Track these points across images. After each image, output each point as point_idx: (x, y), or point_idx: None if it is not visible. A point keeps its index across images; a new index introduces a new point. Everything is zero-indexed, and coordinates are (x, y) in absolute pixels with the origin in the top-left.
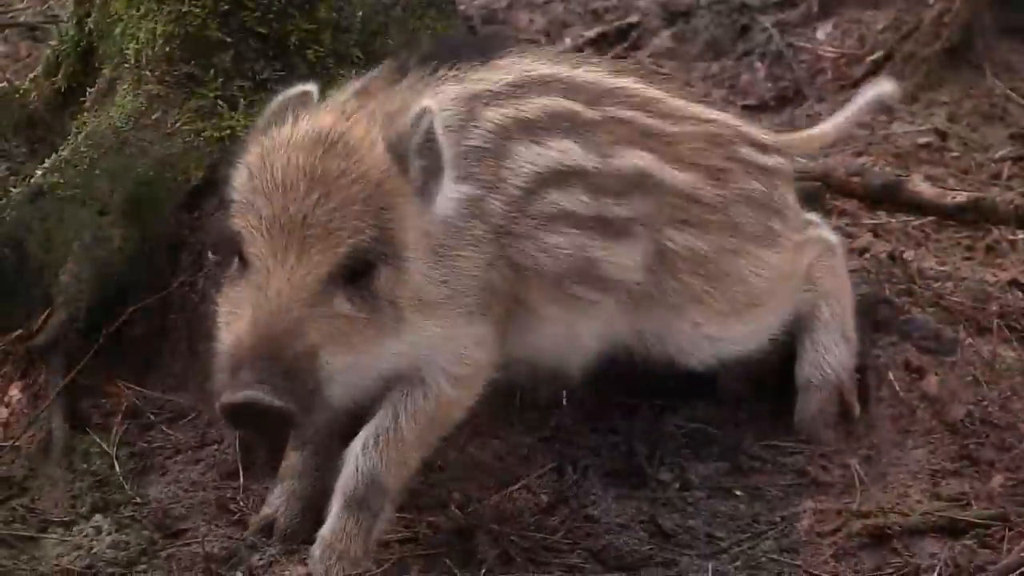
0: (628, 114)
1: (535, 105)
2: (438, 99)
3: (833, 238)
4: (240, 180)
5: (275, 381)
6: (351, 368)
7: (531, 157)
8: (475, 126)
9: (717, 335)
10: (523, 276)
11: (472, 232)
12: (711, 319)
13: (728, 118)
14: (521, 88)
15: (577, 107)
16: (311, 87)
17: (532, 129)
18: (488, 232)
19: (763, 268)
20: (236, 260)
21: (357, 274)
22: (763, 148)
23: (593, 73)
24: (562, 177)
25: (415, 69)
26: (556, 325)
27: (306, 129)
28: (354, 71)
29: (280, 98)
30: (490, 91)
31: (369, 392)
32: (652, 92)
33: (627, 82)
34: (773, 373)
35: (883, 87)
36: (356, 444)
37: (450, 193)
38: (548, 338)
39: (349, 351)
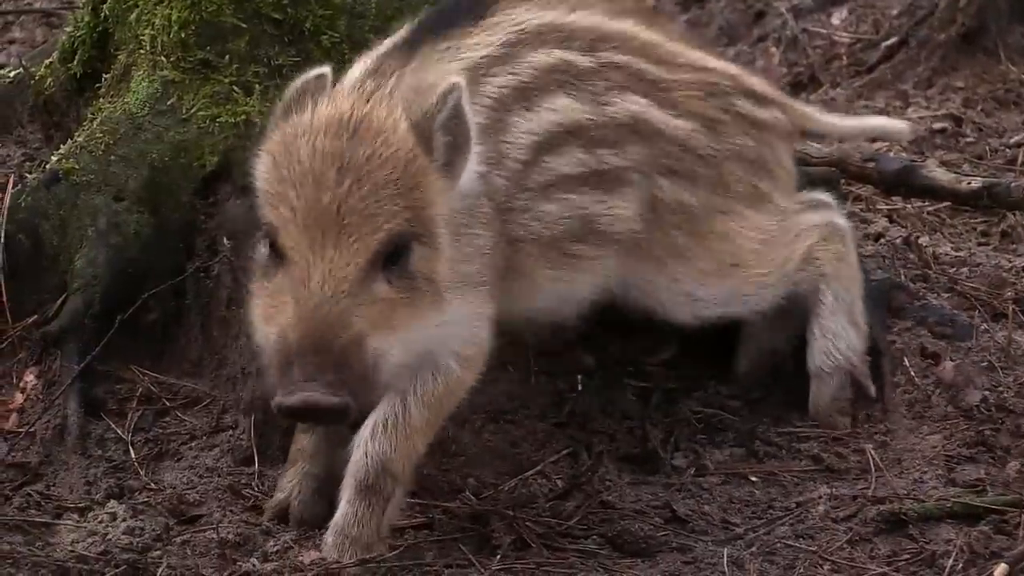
0: (623, 59)
1: (528, 65)
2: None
3: (842, 222)
4: (264, 169)
5: (327, 377)
6: (397, 350)
7: (528, 127)
8: (476, 103)
9: (696, 293)
10: (519, 248)
11: (482, 210)
12: (690, 275)
13: (727, 67)
14: (516, 46)
15: (571, 56)
16: (326, 70)
17: (527, 95)
18: (493, 209)
19: (749, 228)
20: (267, 251)
21: (393, 256)
22: (761, 100)
23: (589, 18)
24: (558, 140)
25: (424, 43)
26: (554, 286)
27: (328, 114)
28: None
29: (297, 83)
30: (486, 56)
31: (409, 370)
32: (650, 36)
33: (625, 26)
34: (788, 358)
35: (898, 125)
36: (365, 430)
37: (475, 168)
38: (546, 298)
39: (393, 333)
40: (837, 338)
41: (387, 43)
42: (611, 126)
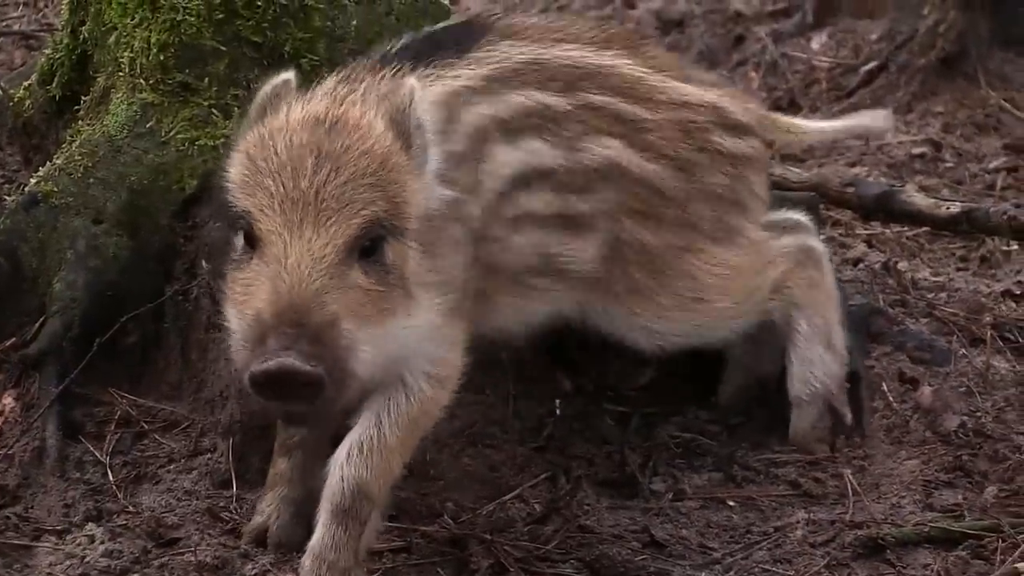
0: (601, 100)
1: (508, 103)
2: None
3: (816, 245)
4: (239, 165)
5: (303, 347)
6: (370, 340)
7: (505, 159)
8: (455, 130)
9: (652, 326)
10: (488, 274)
11: (452, 234)
12: (649, 310)
13: (709, 97)
14: (496, 83)
15: (548, 98)
16: (290, 75)
17: (506, 129)
18: (466, 235)
19: (713, 264)
20: (241, 242)
21: (369, 248)
22: (740, 131)
23: (574, 51)
24: (530, 179)
25: (395, 60)
26: (509, 310)
27: (303, 113)
28: None
29: (268, 88)
30: (467, 87)
31: (382, 371)
32: (633, 70)
33: (609, 59)
34: (768, 383)
35: (878, 118)
36: (340, 452)
37: (435, 159)
38: (500, 319)
39: (367, 322)
40: (813, 366)
41: (360, 61)
42: (582, 172)
